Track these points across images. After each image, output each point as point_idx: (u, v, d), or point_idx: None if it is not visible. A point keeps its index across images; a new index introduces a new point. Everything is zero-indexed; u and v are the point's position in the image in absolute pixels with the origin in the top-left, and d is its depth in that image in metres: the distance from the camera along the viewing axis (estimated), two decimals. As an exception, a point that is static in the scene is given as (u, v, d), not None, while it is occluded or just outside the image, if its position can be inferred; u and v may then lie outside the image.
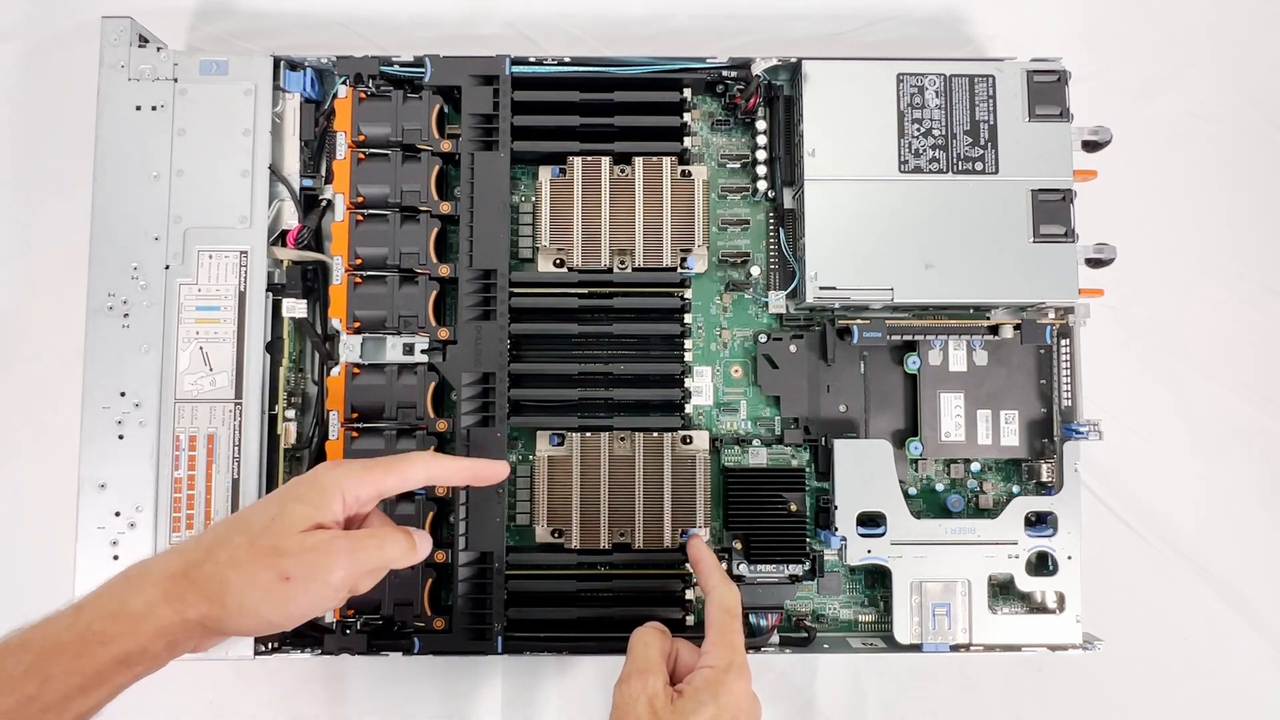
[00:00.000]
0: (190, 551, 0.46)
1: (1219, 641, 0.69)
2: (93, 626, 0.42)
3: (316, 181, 0.66)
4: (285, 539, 0.46)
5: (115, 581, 0.45)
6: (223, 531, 0.47)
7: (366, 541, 0.48)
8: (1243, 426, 0.71)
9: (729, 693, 0.49)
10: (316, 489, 0.48)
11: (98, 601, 0.44)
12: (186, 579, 0.45)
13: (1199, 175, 0.74)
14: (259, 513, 0.47)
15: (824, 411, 0.65)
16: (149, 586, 0.44)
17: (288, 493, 0.49)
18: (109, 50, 0.62)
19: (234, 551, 0.45)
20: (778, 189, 0.66)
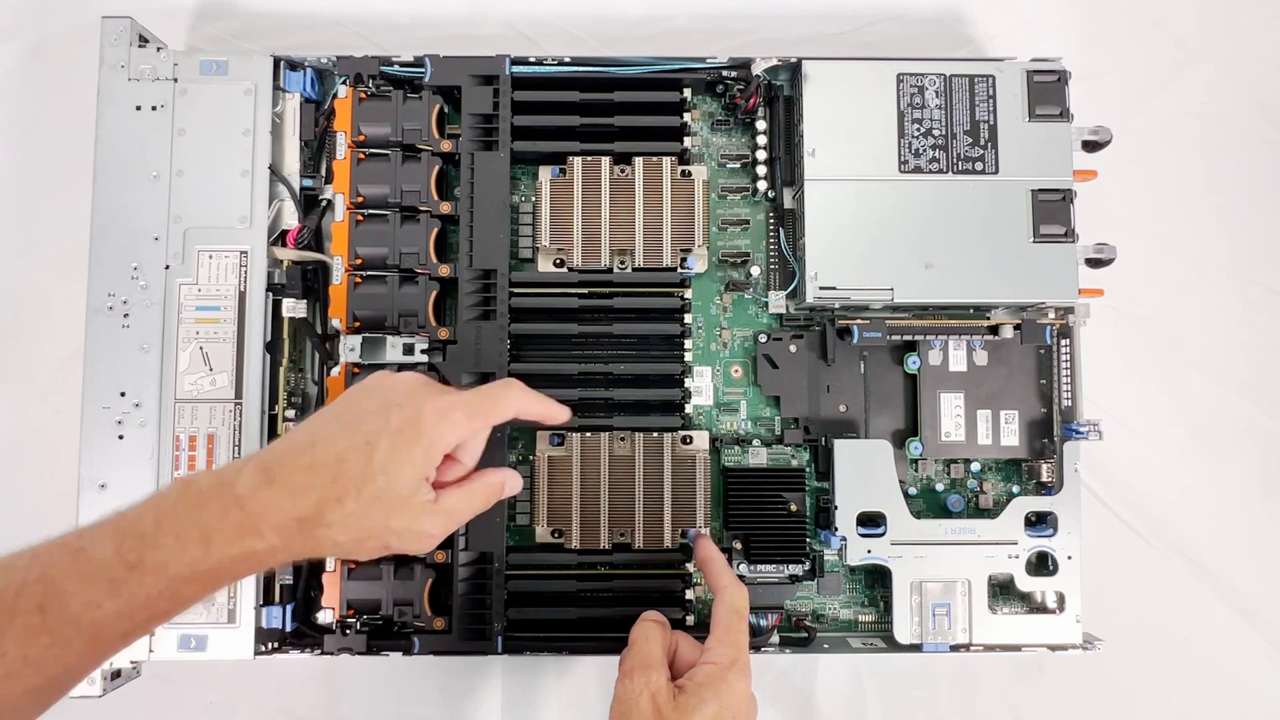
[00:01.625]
0: (303, 502, 0.46)
1: (1219, 641, 0.69)
2: (223, 564, 0.44)
3: (316, 181, 0.66)
4: (393, 512, 0.47)
5: (238, 520, 0.45)
6: (331, 486, 0.46)
7: (460, 508, 0.51)
8: (1242, 426, 0.71)
9: (731, 691, 0.49)
10: (422, 449, 0.48)
11: (225, 540, 0.44)
12: (303, 534, 0.46)
13: (1199, 175, 0.74)
14: (368, 475, 0.47)
15: (824, 411, 0.65)
16: (270, 533, 0.45)
17: (394, 452, 0.47)
18: (109, 50, 0.62)
19: (344, 518, 0.46)
20: (778, 189, 0.66)
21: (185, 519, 0.44)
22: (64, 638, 0.41)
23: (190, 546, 0.43)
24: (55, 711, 0.45)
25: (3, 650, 0.40)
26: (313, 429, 0.48)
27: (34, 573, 0.42)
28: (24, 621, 0.41)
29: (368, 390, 0.50)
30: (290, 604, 0.61)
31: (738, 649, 0.51)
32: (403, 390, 0.50)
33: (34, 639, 0.41)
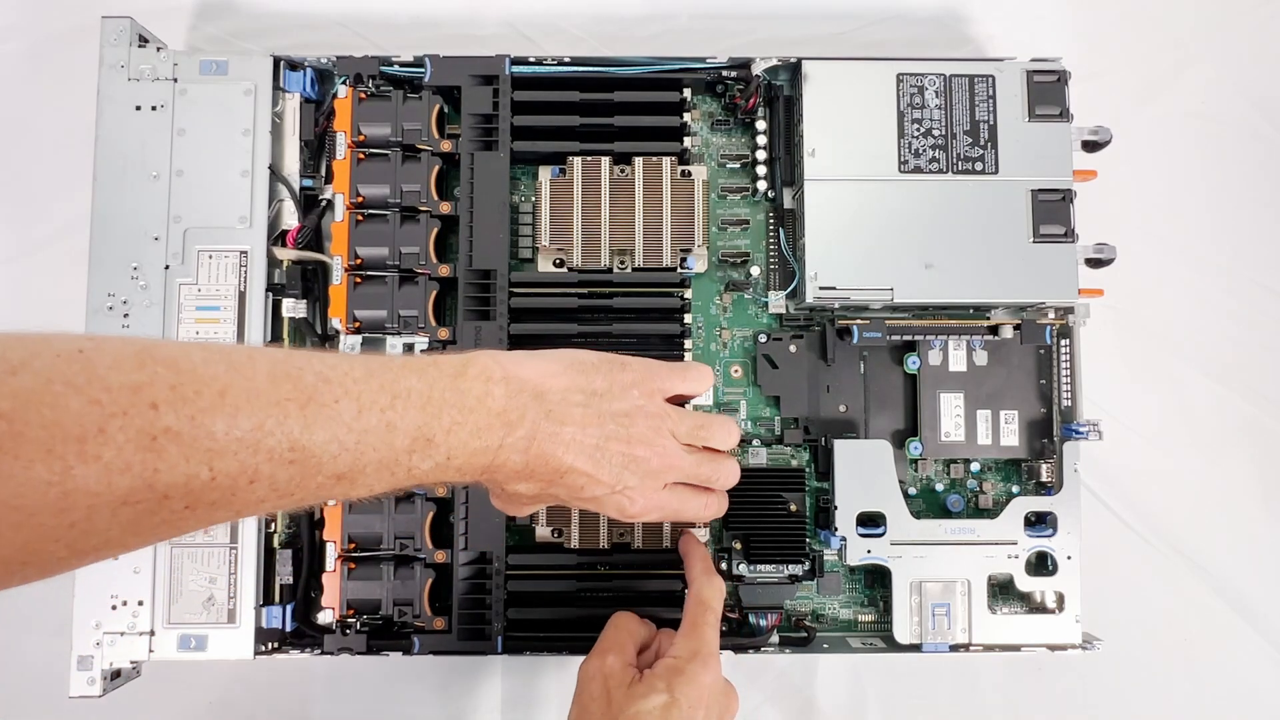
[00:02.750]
0: (534, 488, 0.48)
1: (1219, 641, 0.69)
2: (445, 479, 0.45)
3: (316, 181, 0.66)
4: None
5: (484, 463, 0.45)
6: (586, 484, 0.48)
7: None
8: (1243, 426, 0.71)
9: (688, 683, 0.49)
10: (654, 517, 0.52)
11: (466, 473, 0.45)
12: (539, 486, 0.48)
13: (1199, 175, 0.73)
14: (613, 500, 0.49)
15: (824, 411, 0.65)
16: (490, 481, 0.47)
17: (649, 501, 0.51)
18: (109, 50, 0.62)
19: (569, 497, 0.49)
20: (778, 189, 0.66)
21: (462, 444, 0.44)
22: (326, 498, 0.43)
23: (447, 469, 0.44)
24: (55, 712, 0.45)
25: (297, 493, 0.39)
26: (577, 429, 0.48)
27: (352, 438, 0.40)
28: (323, 482, 0.40)
29: (661, 406, 0.51)
30: (290, 604, 0.61)
31: (700, 641, 0.51)
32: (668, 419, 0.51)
33: (318, 495, 0.40)
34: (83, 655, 0.58)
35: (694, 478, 0.53)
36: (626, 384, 0.50)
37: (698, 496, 0.54)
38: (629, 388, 0.50)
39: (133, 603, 0.59)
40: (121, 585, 0.59)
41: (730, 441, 0.54)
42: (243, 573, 0.59)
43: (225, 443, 0.35)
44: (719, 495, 0.55)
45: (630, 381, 0.50)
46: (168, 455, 0.34)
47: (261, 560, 0.60)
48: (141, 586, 0.59)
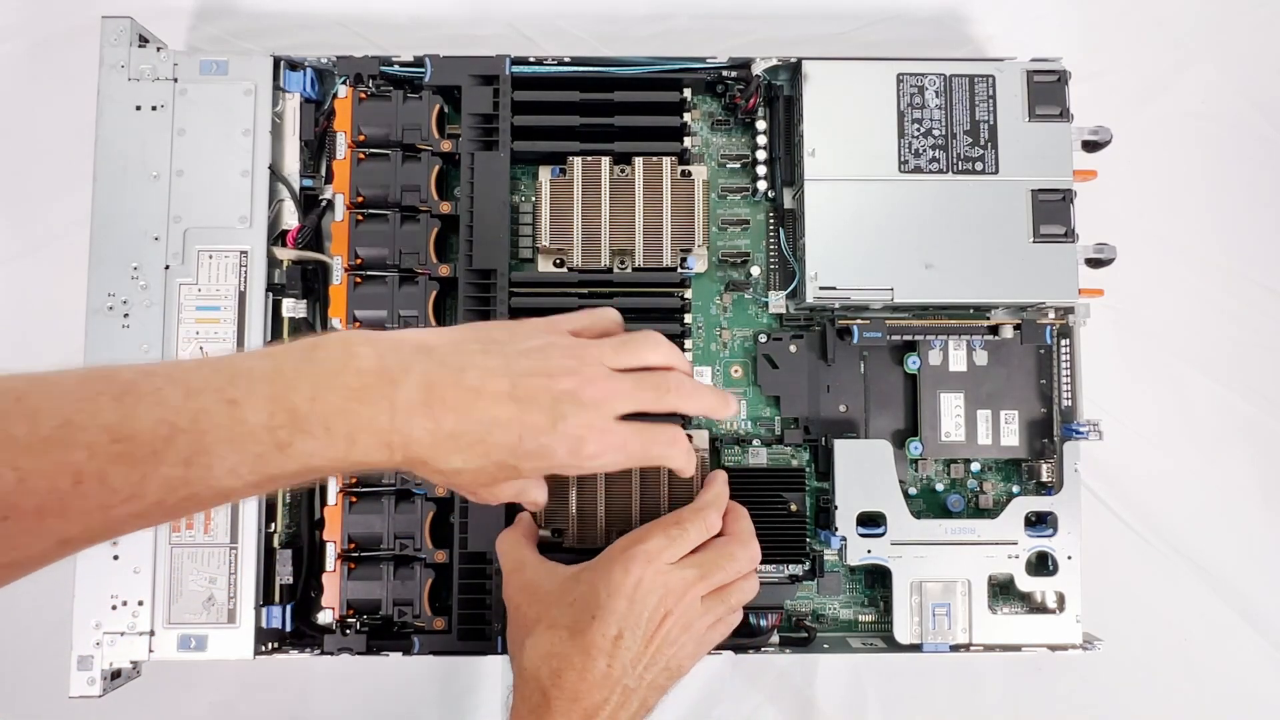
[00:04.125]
0: (457, 439, 0.43)
1: (1219, 641, 0.69)
2: (358, 465, 0.42)
3: (316, 181, 0.66)
4: (530, 480, 0.49)
5: (384, 428, 0.42)
6: (490, 450, 0.44)
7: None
8: (1243, 426, 0.71)
9: (599, 571, 0.50)
10: (587, 454, 0.47)
11: (366, 449, 0.42)
12: (405, 463, 0.44)
13: (1199, 175, 0.74)
14: (526, 453, 0.45)
15: (824, 411, 0.65)
16: (401, 454, 0.43)
17: (562, 448, 0.45)
18: (109, 50, 0.62)
19: (477, 473, 0.45)
20: (778, 189, 0.66)
21: (339, 409, 0.41)
22: (200, 497, 0.39)
23: (337, 443, 0.41)
24: (55, 712, 0.45)
25: (144, 491, 0.37)
26: (482, 371, 0.45)
27: (185, 418, 0.38)
28: (169, 472, 0.38)
29: (562, 348, 0.48)
30: (290, 604, 0.61)
31: (638, 536, 0.52)
32: (584, 362, 0.48)
33: (175, 491, 0.38)
34: (83, 655, 0.58)
35: (641, 402, 0.48)
36: (530, 328, 0.47)
37: (663, 431, 0.49)
38: (534, 330, 0.47)
39: (133, 603, 0.59)
40: (121, 585, 0.59)
41: (660, 350, 0.50)
42: (243, 573, 0.59)
43: (29, 442, 0.35)
44: (684, 438, 0.51)
45: (533, 326, 0.48)
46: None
47: (261, 560, 0.60)
48: (141, 586, 0.59)
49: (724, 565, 0.53)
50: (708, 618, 0.52)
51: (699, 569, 0.52)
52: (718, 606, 0.53)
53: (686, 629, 0.51)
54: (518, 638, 0.51)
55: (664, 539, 0.51)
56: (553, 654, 0.48)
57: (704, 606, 0.52)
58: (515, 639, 0.51)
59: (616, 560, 0.50)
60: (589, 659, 0.47)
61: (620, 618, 0.48)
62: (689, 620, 0.51)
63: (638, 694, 0.49)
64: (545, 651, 0.48)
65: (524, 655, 0.49)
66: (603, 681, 0.47)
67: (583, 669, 0.47)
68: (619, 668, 0.48)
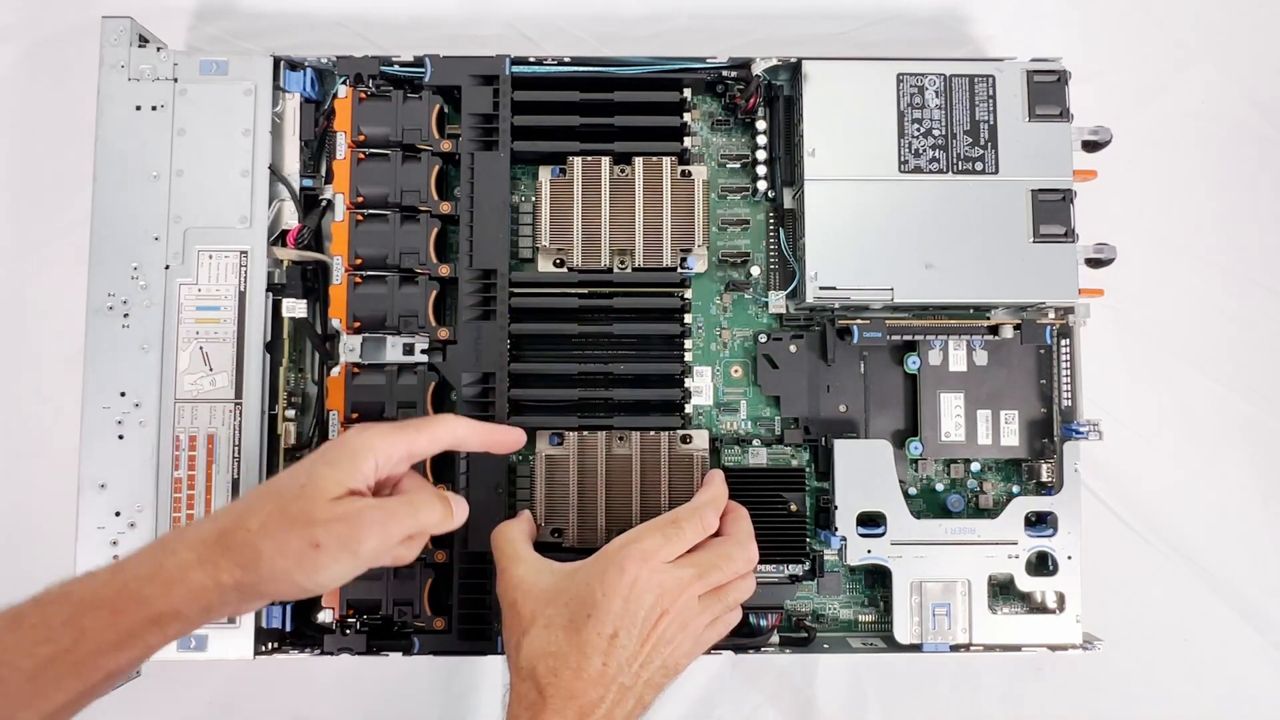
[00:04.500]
0: (223, 518, 0.46)
1: (1219, 641, 0.69)
2: (129, 585, 0.43)
3: (316, 181, 0.66)
4: (316, 506, 0.46)
5: (152, 546, 0.46)
6: (255, 499, 0.47)
7: (400, 510, 0.48)
8: (1243, 426, 0.71)
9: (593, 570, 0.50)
10: (346, 453, 0.48)
11: (136, 562, 0.44)
12: (220, 545, 0.45)
13: (1199, 175, 0.74)
14: (291, 479, 0.48)
15: (824, 411, 0.65)
16: (184, 550, 0.45)
17: (319, 457, 0.49)
18: (109, 50, 0.62)
19: (265, 519, 0.46)
20: (778, 189, 0.66)
21: (109, 562, 0.46)
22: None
23: (98, 573, 0.44)
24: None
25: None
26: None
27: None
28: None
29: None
30: (290, 604, 0.61)
31: (649, 529, 0.52)
32: (336, 440, 0.51)
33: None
34: (83, 655, 0.58)
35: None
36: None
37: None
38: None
39: (133, 603, 0.59)
40: (121, 585, 0.59)
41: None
42: (243, 573, 0.59)
43: None
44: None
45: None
46: None
47: (261, 560, 0.60)
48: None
49: (721, 565, 0.53)
50: (705, 616, 0.52)
51: (696, 568, 0.52)
52: (715, 605, 0.53)
53: (684, 628, 0.51)
54: (513, 635, 0.51)
55: (659, 538, 0.52)
56: (549, 652, 0.48)
57: (701, 605, 0.52)
58: (511, 637, 0.51)
59: (612, 559, 0.50)
60: (584, 658, 0.47)
61: (616, 617, 0.48)
62: (686, 619, 0.51)
63: (634, 691, 0.49)
64: (541, 650, 0.48)
65: (520, 653, 0.49)
66: (598, 680, 0.47)
67: (578, 667, 0.47)
68: (614, 666, 0.48)
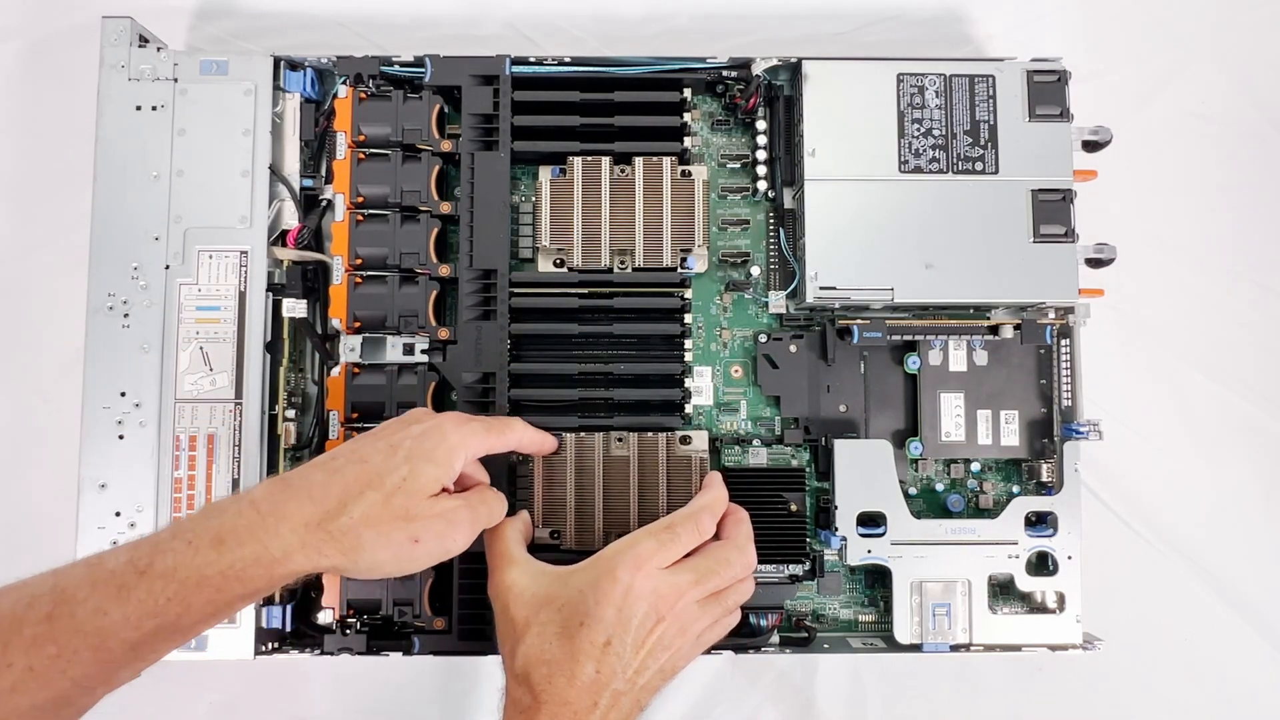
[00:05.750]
0: (324, 500, 0.46)
1: (1219, 641, 0.69)
2: (234, 566, 0.43)
3: (316, 181, 0.66)
4: (416, 503, 0.47)
5: (251, 519, 0.45)
6: (354, 483, 0.47)
7: (481, 510, 0.51)
8: (1243, 426, 0.71)
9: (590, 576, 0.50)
10: (445, 449, 0.49)
11: (238, 539, 0.44)
12: (324, 531, 0.45)
13: (1199, 175, 0.73)
14: (391, 469, 0.48)
15: (824, 411, 0.65)
16: (287, 532, 0.44)
17: (418, 451, 0.49)
18: (109, 50, 0.62)
19: (368, 509, 0.46)
20: (778, 189, 0.66)
21: (200, 525, 0.44)
22: (70, 648, 0.41)
23: (202, 549, 0.43)
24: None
25: (9, 660, 0.40)
26: (333, 450, 0.50)
27: (46, 585, 0.42)
28: (31, 631, 0.40)
29: (388, 422, 0.53)
30: (290, 604, 0.61)
31: (646, 534, 0.52)
32: (421, 412, 0.53)
33: (40, 649, 0.40)
34: (83, 655, 0.58)
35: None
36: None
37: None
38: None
39: (133, 603, 0.59)
40: (121, 585, 0.59)
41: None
42: (243, 573, 0.59)
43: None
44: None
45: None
46: None
47: (261, 560, 0.60)
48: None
49: (719, 570, 0.52)
50: (704, 620, 0.52)
51: (693, 574, 0.51)
52: (714, 609, 0.53)
53: (682, 633, 0.51)
54: (507, 640, 0.51)
55: (654, 543, 0.51)
56: (543, 659, 0.48)
57: (700, 609, 0.52)
58: (505, 641, 0.51)
59: (605, 565, 0.50)
60: (578, 665, 0.47)
61: (609, 625, 0.48)
62: (684, 624, 0.51)
63: (629, 696, 0.49)
64: (535, 657, 0.48)
65: (515, 659, 0.49)
66: (591, 686, 0.47)
67: (572, 674, 0.47)
68: (608, 673, 0.48)
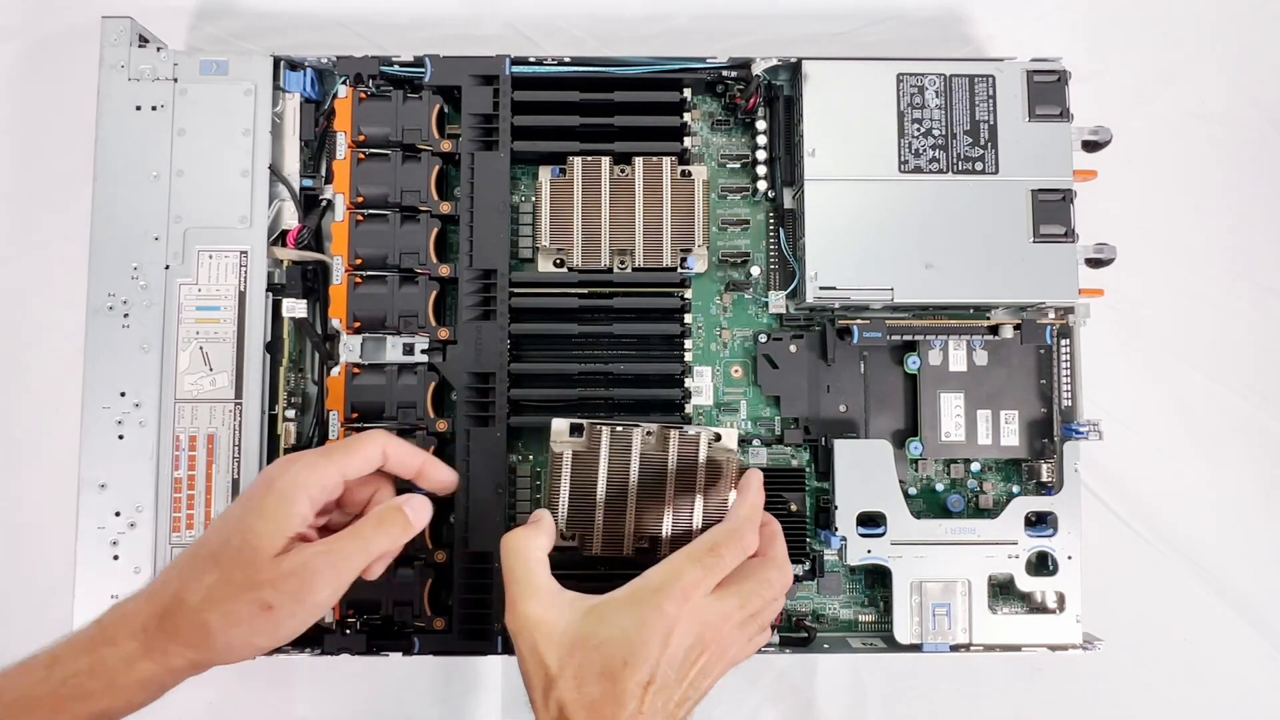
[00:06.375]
0: (160, 595, 0.43)
1: (1219, 641, 0.69)
2: (69, 682, 0.41)
3: (316, 181, 0.66)
4: (259, 567, 0.44)
5: (90, 633, 0.43)
6: (190, 566, 0.44)
7: (348, 548, 0.46)
8: (1243, 426, 0.71)
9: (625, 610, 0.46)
10: (275, 498, 0.45)
11: (73, 653, 0.41)
12: (163, 629, 0.42)
13: (1199, 175, 0.74)
14: (225, 539, 0.45)
15: (824, 411, 0.65)
16: (125, 639, 0.42)
17: (247, 508, 0.46)
18: (109, 50, 0.62)
19: (208, 590, 0.43)
20: (778, 189, 0.66)
21: (51, 644, 0.42)
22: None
23: (34, 669, 0.41)
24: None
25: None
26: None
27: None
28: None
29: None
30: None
31: (690, 559, 0.48)
32: (265, 470, 0.49)
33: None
34: (83, 655, 0.58)
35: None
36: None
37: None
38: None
39: (133, 603, 0.59)
40: (121, 585, 0.59)
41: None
42: (243, 573, 0.59)
43: None
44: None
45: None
46: None
47: (261, 560, 0.60)
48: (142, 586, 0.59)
49: (761, 593, 0.49)
50: (742, 640, 0.50)
51: (738, 599, 0.48)
52: (751, 628, 0.50)
53: (722, 656, 0.48)
54: (536, 681, 0.47)
55: (699, 570, 0.48)
56: (581, 704, 0.45)
57: (739, 630, 0.49)
58: (534, 681, 0.47)
59: (648, 600, 0.46)
60: (620, 706, 0.44)
61: (654, 663, 0.45)
62: (725, 648, 0.48)
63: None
64: (573, 701, 0.45)
65: (547, 704, 0.46)
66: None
67: (613, 717, 0.44)
68: (650, 710, 0.45)
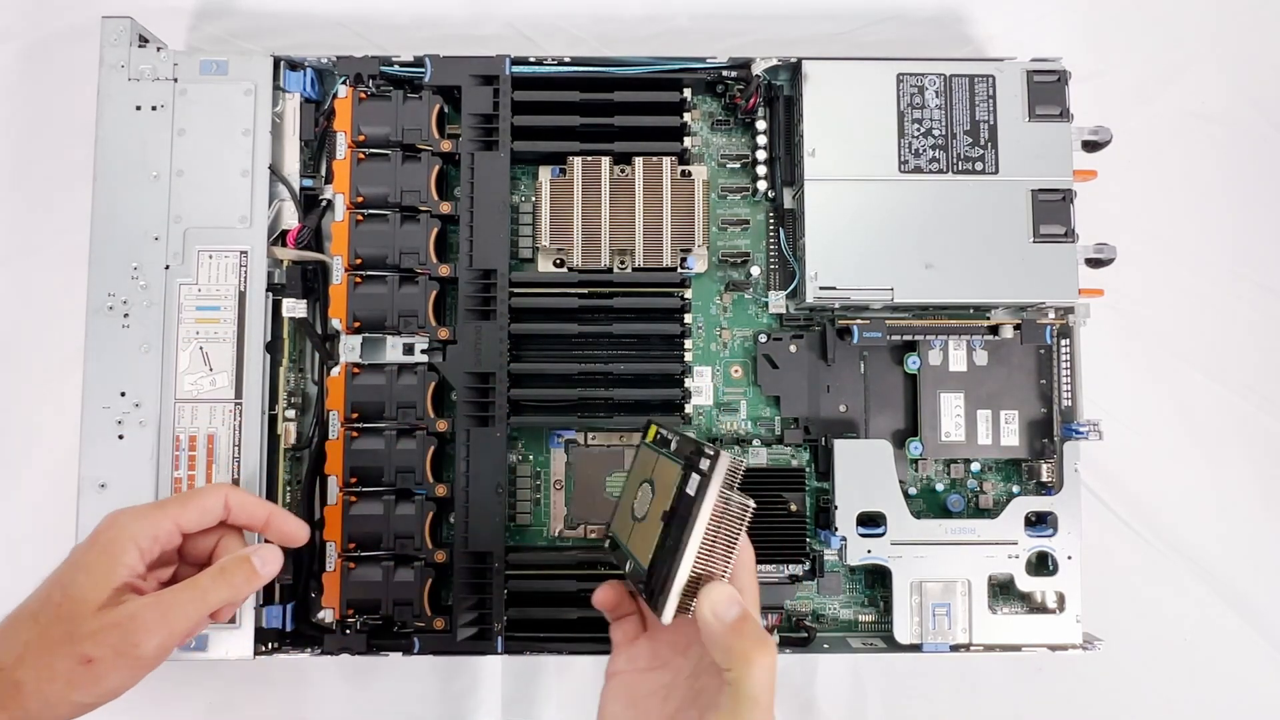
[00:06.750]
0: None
1: (1219, 641, 0.69)
2: None
3: (316, 181, 0.66)
4: (80, 621, 0.43)
5: None
6: (6, 628, 0.44)
7: (181, 599, 0.45)
8: (1243, 426, 0.71)
9: None
10: (98, 550, 0.45)
11: None
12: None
13: (1199, 175, 0.73)
14: (45, 597, 0.44)
15: (824, 411, 0.65)
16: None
17: (72, 562, 0.45)
18: (109, 50, 0.62)
19: (22, 649, 0.42)
20: (778, 189, 0.66)
21: None
22: None
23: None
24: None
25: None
26: None
27: None
28: None
29: None
30: (290, 604, 0.61)
31: (766, 667, 0.42)
32: (88, 538, 0.47)
33: None
34: (83, 655, 0.58)
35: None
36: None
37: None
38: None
39: (133, 603, 0.58)
40: (121, 585, 0.59)
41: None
42: (243, 573, 0.59)
43: None
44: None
45: None
46: None
47: (261, 560, 0.60)
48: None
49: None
50: None
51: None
52: None
53: None
54: None
55: (773, 656, 0.42)
56: None
57: None
58: None
59: (761, 707, 0.42)
60: None
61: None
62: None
63: None
64: None
65: None
66: None
67: None
68: None
